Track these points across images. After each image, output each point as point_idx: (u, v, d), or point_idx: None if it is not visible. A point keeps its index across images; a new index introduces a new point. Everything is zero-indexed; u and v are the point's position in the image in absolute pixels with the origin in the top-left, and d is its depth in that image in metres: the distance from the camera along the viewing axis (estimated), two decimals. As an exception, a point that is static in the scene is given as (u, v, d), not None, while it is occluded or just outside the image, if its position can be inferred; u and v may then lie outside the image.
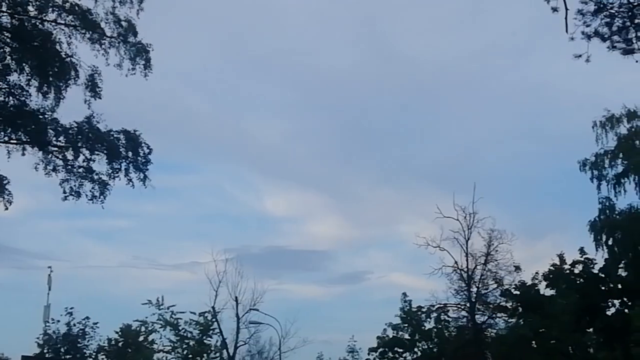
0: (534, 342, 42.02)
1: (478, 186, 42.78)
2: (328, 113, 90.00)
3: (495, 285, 42.25)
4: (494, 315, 43.16)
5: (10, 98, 21.49)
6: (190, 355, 41.89)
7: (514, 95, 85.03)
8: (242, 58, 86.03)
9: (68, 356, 38.88)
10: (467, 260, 41.53)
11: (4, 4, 20.89)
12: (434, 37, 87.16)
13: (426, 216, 46.43)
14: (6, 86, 21.39)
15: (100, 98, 22.03)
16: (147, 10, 22.19)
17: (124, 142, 22.38)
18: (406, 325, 47.47)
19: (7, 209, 22.22)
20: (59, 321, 39.32)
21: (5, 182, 22.08)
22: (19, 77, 21.36)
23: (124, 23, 21.96)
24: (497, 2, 74.93)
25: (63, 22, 21.45)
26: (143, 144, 22.61)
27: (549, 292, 43.54)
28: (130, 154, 22.43)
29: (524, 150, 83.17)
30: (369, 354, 48.47)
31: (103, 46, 21.87)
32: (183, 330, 41.87)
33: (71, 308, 39.45)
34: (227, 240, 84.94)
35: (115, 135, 22.29)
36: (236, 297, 42.01)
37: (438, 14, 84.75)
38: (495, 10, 77.81)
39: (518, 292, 42.84)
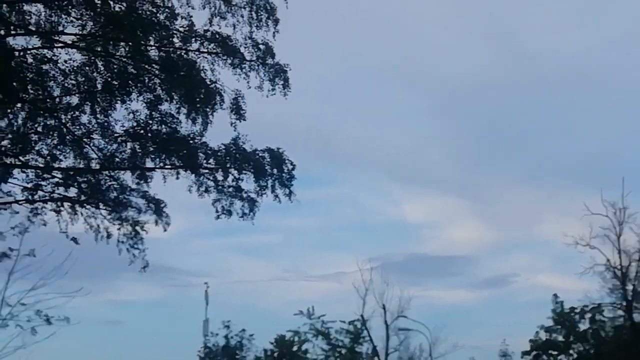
0: (699, 339, 39.87)
1: (627, 179, 41.26)
2: (462, 116, 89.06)
3: (652, 282, 40.49)
4: (653, 313, 41.32)
5: (163, 126, 22.71)
6: (343, 363, 42.62)
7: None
8: (372, 67, 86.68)
9: (228, 368, 40.48)
10: (620, 257, 40.15)
11: (151, 38, 22.09)
12: (565, 29, 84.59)
13: (571, 214, 45.17)
14: (158, 115, 22.62)
15: (244, 120, 22.84)
16: (281, 30, 22.81)
17: (268, 160, 23.08)
18: (559, 327, 46.32)
19: (165, 230, 23.53)
20: (217, 334, 41.12)
21: (162, 205, 23.42)
22: (169, 106, 22.56)
23: (261, 46, 22.62)
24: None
25: (206, 50, 22.38)
26: (287, 161, 23.22)
27: None
28: (275, 171, 23.09)
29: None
30: (522, 357, 47.68)
31: (244, 70, 22.63)
32: (334, 339, 42.72)
33: (228, 322, 41.15)
34: (369, 249, 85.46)
35: (260, 154, 23.03)
36: (383, 305, 42.51)
37: (567, 5, 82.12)
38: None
39: (678, 288, 40.79)
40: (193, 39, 22.46)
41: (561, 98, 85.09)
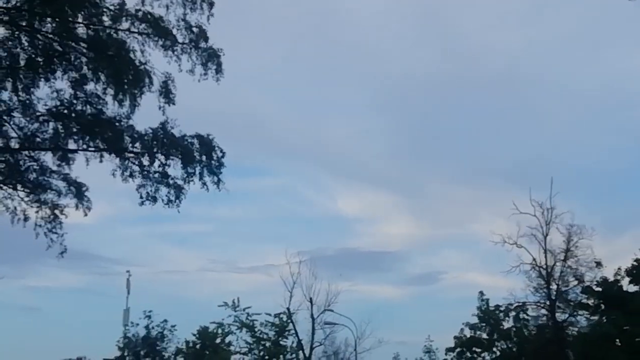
0: (617, 340, 40.85)
1: (555, 181, 42.03)
2: (400, 113, 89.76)
3: (575, 282, 41.39)
4: (575, 313, 42.21)
5: (88, 107, 21.93)
6: (266, 357, 42.34)
7: (592, 88, 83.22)
8: (312, 60, 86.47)
9: (147, 359, 39.75)
10: (545, 257, 40.80)
11: (79, 15, 21.30)
12: (506, 31, 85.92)
13: (501, 214, 45.73)
14: (83, 95, 21.84)
15: (174, 104, 22.24)
16: (217, 15, 22.32)
17: (197, 146, 22.50)
18: (484, 324, 46.88)
19: (86, 215, 22.70)
20: (138, 324, 40.36)
21: (84, 189, 22.63)
22: (95, 86, 21.79)
23: (195, 29, 22.07)
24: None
25: (136, 30, 21.71)
26: (216, 148, 22.70)
27: (633, 288, 42.32)
28: (204, 158, 22.53)
29: (603, 144, 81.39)
30: (446, 354, 48.14)
31: (175, 52, 22.03)
32: (259, 332, 42.31)
33: (149, 311, 40.41)
34: (301, 242, 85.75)
35: (189, 140, 22.46)
36: (311, 299, 42.24)
37: (508, 7, 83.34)
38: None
39: (600, 289, 41.79)
40: (123, 18, 21.74)
41: (498, 99, 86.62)
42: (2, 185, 22.16)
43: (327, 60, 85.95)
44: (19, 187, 22.35)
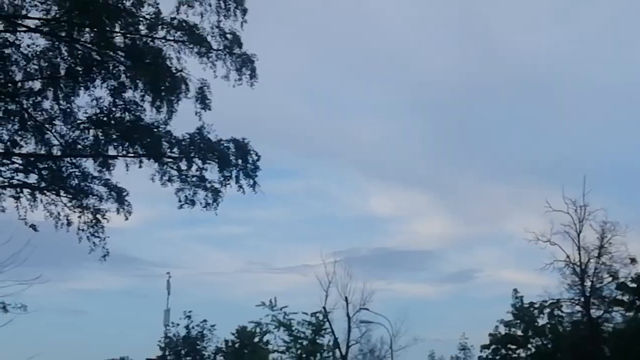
0: (654, 336, 40.61)
1: (588, 178, 42.09)
2: (431, 111, 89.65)
3: (610, 279, 41.30)
4: (610, 310, 42.11)
5: (126, 114, 22.45)
6: (304, 355, 42.85)
7: (624, 84, 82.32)
8: (343, 62, 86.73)
9: (188, 358, 40.53)
10: (579, 254, 40.80)
11: (117, 25, 21.82)
12: (537, 28, 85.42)
13: (535, 211, 45.74)
14: (122, 103, 22.36)
15: (210, 109, 22.67)
16: (250, 19, 22.65)
17: (233, 150, 22.90)
18: (518, 321, 47.01)
19: (127, 219, 23.23)
20: (178, 324, 41.07)
21: (124, 194, 23.11)
22: (133, 94, 22.29)
23: (229, 35, 22.44)
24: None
25: (172, 38, 22.16)
26: (252, 152, 23.06)
27: (668, 284, 42.00)
28: (240, 161, 22.92)
29: (635, 141, 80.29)
30: (481, 351, 48.39)
31: (210, 59, 22.41)
32: (296, 331, 42.83)
33: (189, 312, 41.14)
34: (335, 242, 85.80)
35: (225, 144, 22.85)
36: (346, 298, 42.77)
37: (539, 7, 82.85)
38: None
39: (635, 285, 41.57)
40: (159, 27, 22.17)
41: (530, 95, 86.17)
42: (45, 191, 22.75)
43: (358, 61, 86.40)
44: (61, 193, 22.88)
